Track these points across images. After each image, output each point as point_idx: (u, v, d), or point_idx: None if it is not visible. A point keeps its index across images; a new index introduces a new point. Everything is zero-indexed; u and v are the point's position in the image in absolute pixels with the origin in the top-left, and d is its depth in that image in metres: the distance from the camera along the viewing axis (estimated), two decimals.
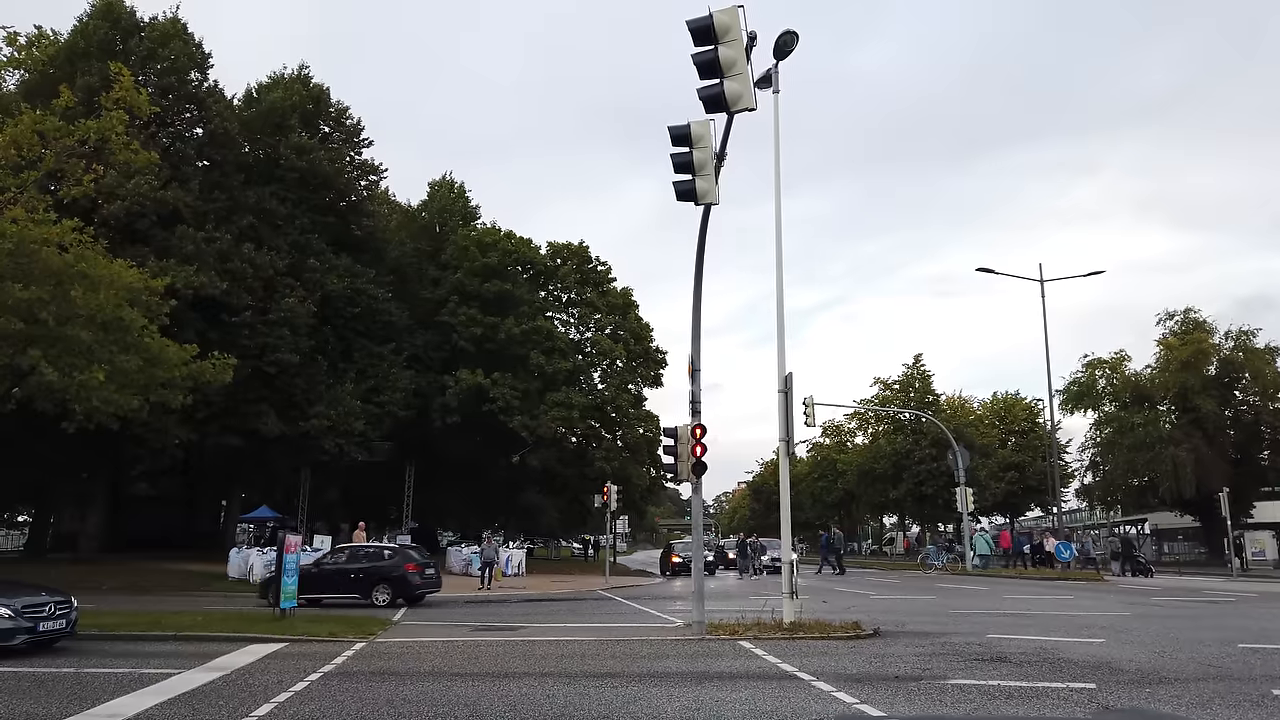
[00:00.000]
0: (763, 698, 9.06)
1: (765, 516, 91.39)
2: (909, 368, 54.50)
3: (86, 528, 37.01)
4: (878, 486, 55.63)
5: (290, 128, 38.32)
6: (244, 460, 37.93)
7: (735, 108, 13.03)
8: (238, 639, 14.17)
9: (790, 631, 14.27)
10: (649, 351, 48.84)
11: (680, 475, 16.30)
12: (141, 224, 30.56)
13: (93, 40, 33.21)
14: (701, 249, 15.58)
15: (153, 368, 19.45)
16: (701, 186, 13.94)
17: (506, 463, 45.88)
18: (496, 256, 45.75)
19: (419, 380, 41.48)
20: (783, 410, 16.02)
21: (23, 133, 18.03)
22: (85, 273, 17.44)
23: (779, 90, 16.25)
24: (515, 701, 8.90)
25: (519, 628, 16.62)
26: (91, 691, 9.68)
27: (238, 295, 32.69)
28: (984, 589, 27.80)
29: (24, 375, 18.12)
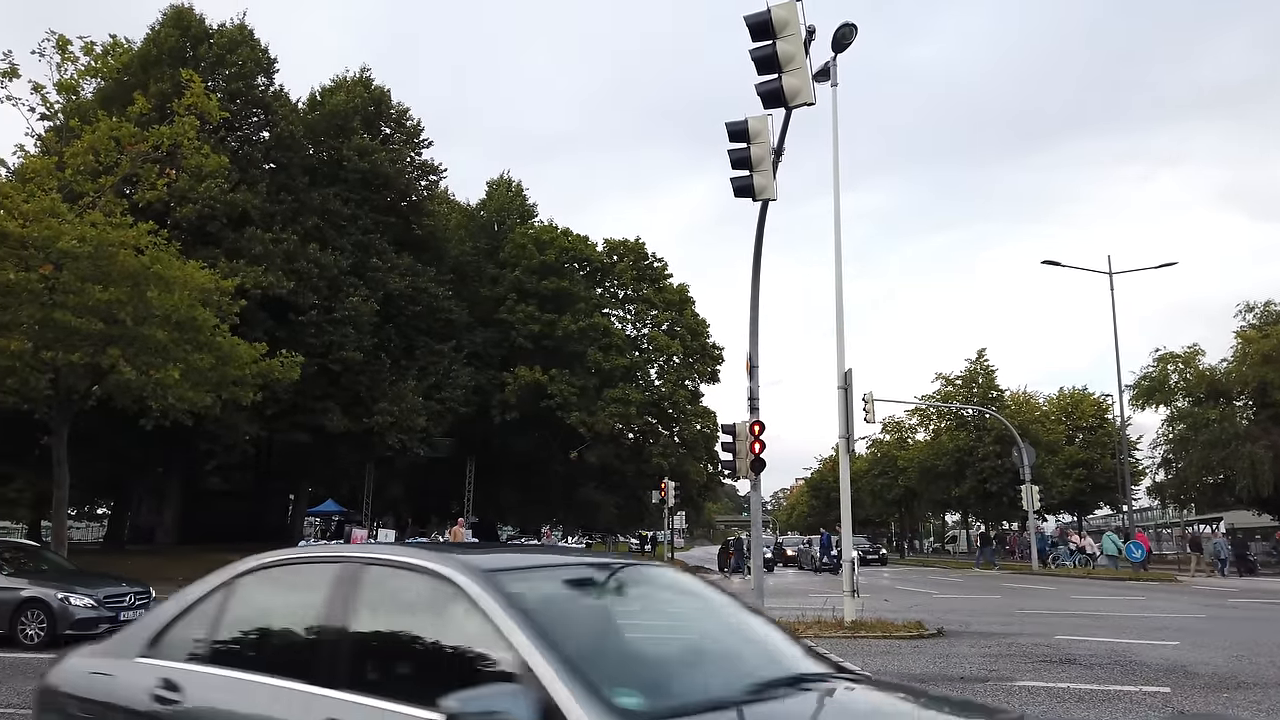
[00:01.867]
0: None
1: (824, 513, 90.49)
2: (972, 363, 53.32)
3: (163, 520, 38.31)
4: (939, 484, 54.63)
5: (353, 130, 39.10)
6: (311, 455, 38.87)
7: (794, 103, 12.91)
8: None
9: (851, 630, 14.13)
10: (706, 347, 48.74)
11: (739, 472, 16.24)
12: (212, 226, 31.49)
13: (164, 48, 34.29)
14: (759, 245, 15.49)
15: (224, 366, 20.03)
16: (759, 182, 13.86)
17: (564, 458, 46.26)
18: (554, 254, 46.11)
19: (479, 377, 42.04)
20: (842, 407, 15.86)
21: (100, 139, 18.72)
22: (160, 274, 18.03)
23: (837, 84, 16.06)
24: None
25: None
26: None
27: (304, 295, 33.50)
28: (1051, 589, 27.16)
29: (104, 374, 18.80)
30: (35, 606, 12.77)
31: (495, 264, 47.72)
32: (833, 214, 16.42)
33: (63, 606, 12.73)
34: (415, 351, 39.07)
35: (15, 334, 16.91)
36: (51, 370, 18.22)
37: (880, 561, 46.73)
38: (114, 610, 13.26)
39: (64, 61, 19.18)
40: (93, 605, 12.98)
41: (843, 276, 16.21)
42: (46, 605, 12.74)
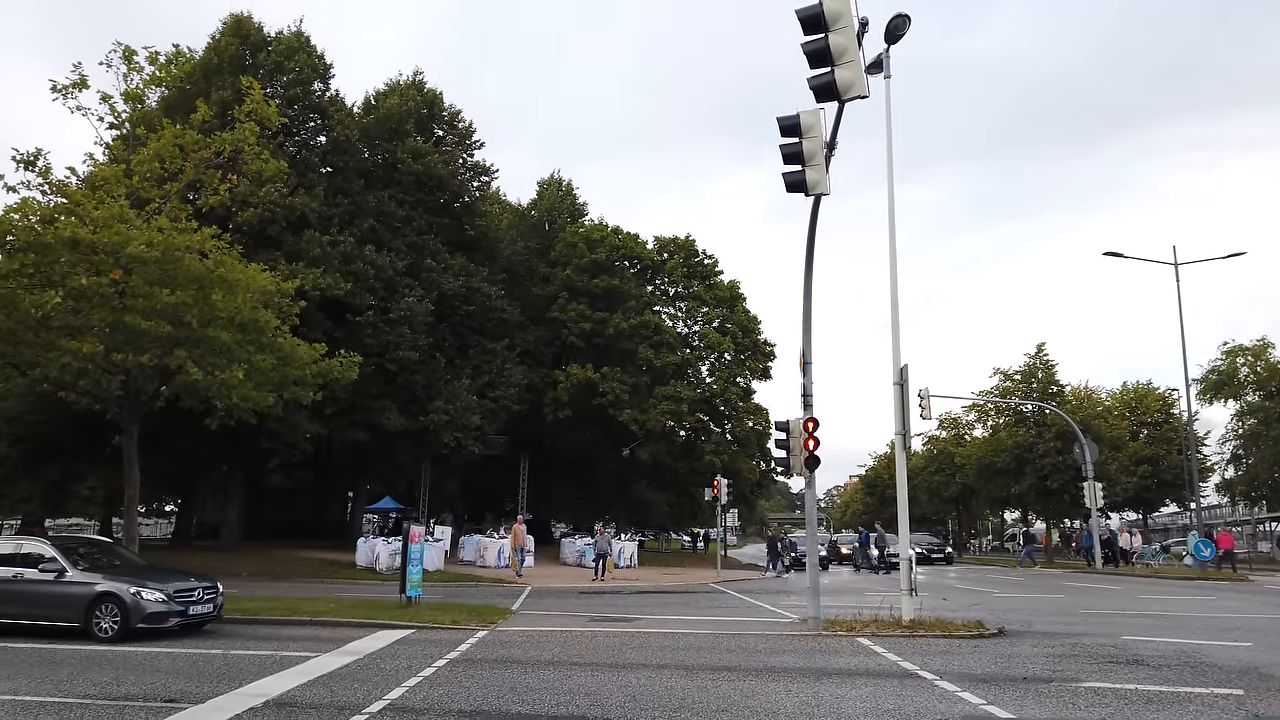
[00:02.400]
0: (884, 695, 8.92)
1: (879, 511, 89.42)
2: (1031, 357, 52.06)
3: (227, 517, 39.34)
4: (998, 481, 53.53)
5: (406, 133, 39.67)
6: (369, 454, 39.58)
7: (847, 96, 12.81)
8: (368, 625, 14.85)
9: (910, 629, 13.98)
10: (757, 344, 48.46)
11: (793, 469, 16.15)
12: (272, 229, 32.21)
13: (225, 56, 35.17)
14: (812, 240, 15.38)
15: (285, 366, 20.46)
16: (812, 177, 13.77)
17: (617, 456, 46.41)
18: (604, 252, 46.25)
19: (531, 375, 42.39)
20: (898, 403, 15.67)
21: (165, 147, 19.25)
22: (224, 277, 18.49)
23: (890, 75, 15.87)
24: (635, 692, 9.03)
25: (634, 619, 16.82)
26: (239, 672, 10.33)
27: (361, 296, 34.11)
28: (1116, 588, 26.52)
29: (172, 375, 19.35)
30: (109, 601, 13.21)
31: (546, 263, 48.05)
32: (887, 207, 16.23)
33: (135, 601, 13.15)
34: (469, 350, 39.53)
35: (88, 337, 17.50)
36: (122, 372, 18.82)
37: (946, 560, 45.99)
38: (183, 604, 13.68)
39: (130, 71, 19.70)
40: (163, 599, 13.39)
41: (897, 271, 16.02)
42: (120, 599, 13.17)
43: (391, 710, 8.16)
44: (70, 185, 19.03)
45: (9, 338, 17.65)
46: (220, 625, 14.87)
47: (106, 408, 20.96)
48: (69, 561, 13.81)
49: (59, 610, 13.40)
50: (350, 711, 8.07)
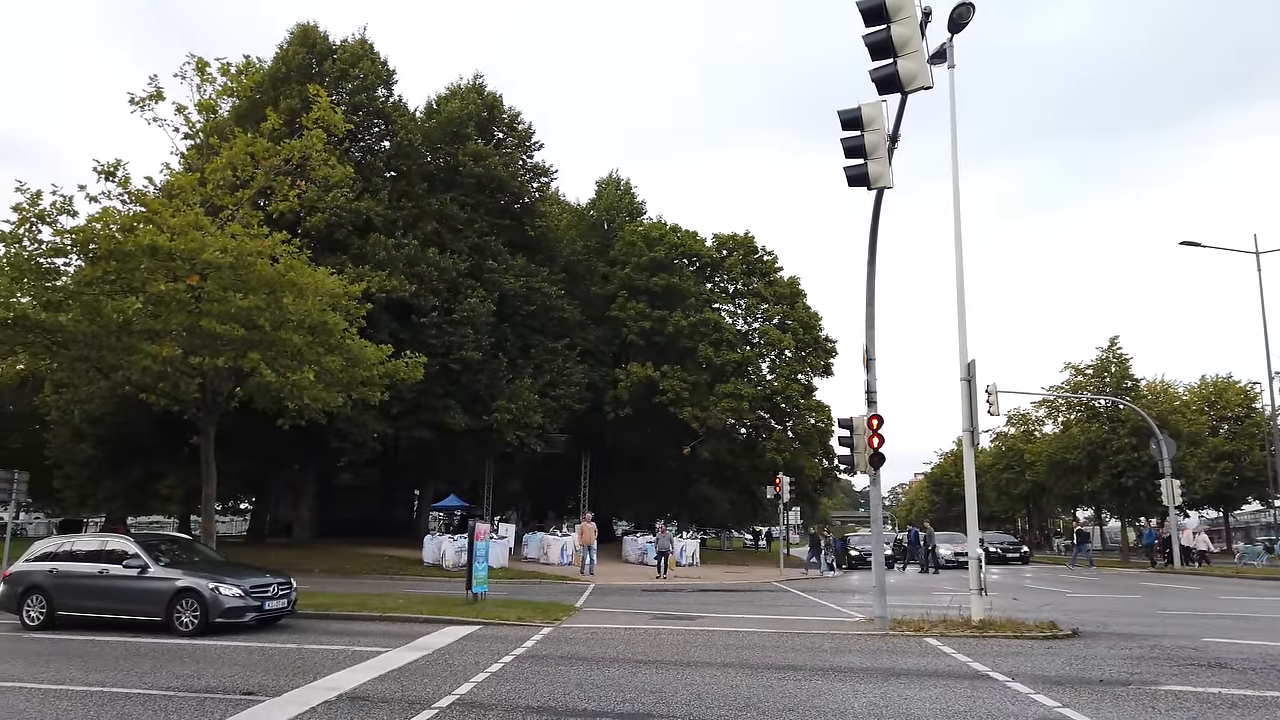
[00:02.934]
0: (954, 697, 8.76)
1: (946, 509, 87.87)
2: (1104, 351, 50.44)
3: (300, 515, 40.40)
4: (1070, 478, 52.04)
5: (467, 136, 40.21)
6: (434, 452, 40.25)
7: (910, 87, 12.58)
8: (436, 621, 15.11)
9: (980, 629, 13.70)
10: (818, 340, 47.98)
11: (857, 466, 15.96)
12: (339, 233, 32.98)
13: (292, 65, 36.10)
14: (874, 235, 15.17)
15: (354, 367, 20.93)
16: (874, 170, 13.58)
17: (677, 453, 46.41)
18: (663, 251, 46.26)
19: (592, 374, 42.64)
20: (965, 399, 15.38)
21: (237, 155, 19.86)
22: (294, 281, 18.99)
23: (954, 65, 15.57)
24: (700, 690, 9.03)
25: (697, 617, 16.80)
26: (312, 666, 10.61)
27: (425, 297, 34.69)
28: (1195, 588, 25.61)
29: (246, 376, 19.98)
30: (189, 596, 13.67)
31: (606, 262, 48.26)
32: (952, 199, 15.92)
33: (214, 596, 13.59)
34: (530, 350, 39.92)
35: (167, 341, 18.13)
36: (199, 374, 19.47)
37: (1022, 559, 44.86)
38: (259, 600, 14.09)
39: (203, 83, 20.37)
40: (240, 595, 13.81)
41: (963, 264, 15.70)
42: (199, 595, 13.63)
43: (460, 705, 8.29)
44: (148, 194, 19.74)
45: (93, 342, 18.37)
46: (294, 620, 15.27)
47: (185, 409, 21.70)
48: (151, 558, 14.34)
49: (142, 605, 13.92)
50: (420, 706, 8.21)
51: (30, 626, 14.29)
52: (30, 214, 17.58)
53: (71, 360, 19.39)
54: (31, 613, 14.44)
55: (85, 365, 19.90)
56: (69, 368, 20.07)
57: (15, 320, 17.47)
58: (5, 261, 17.64)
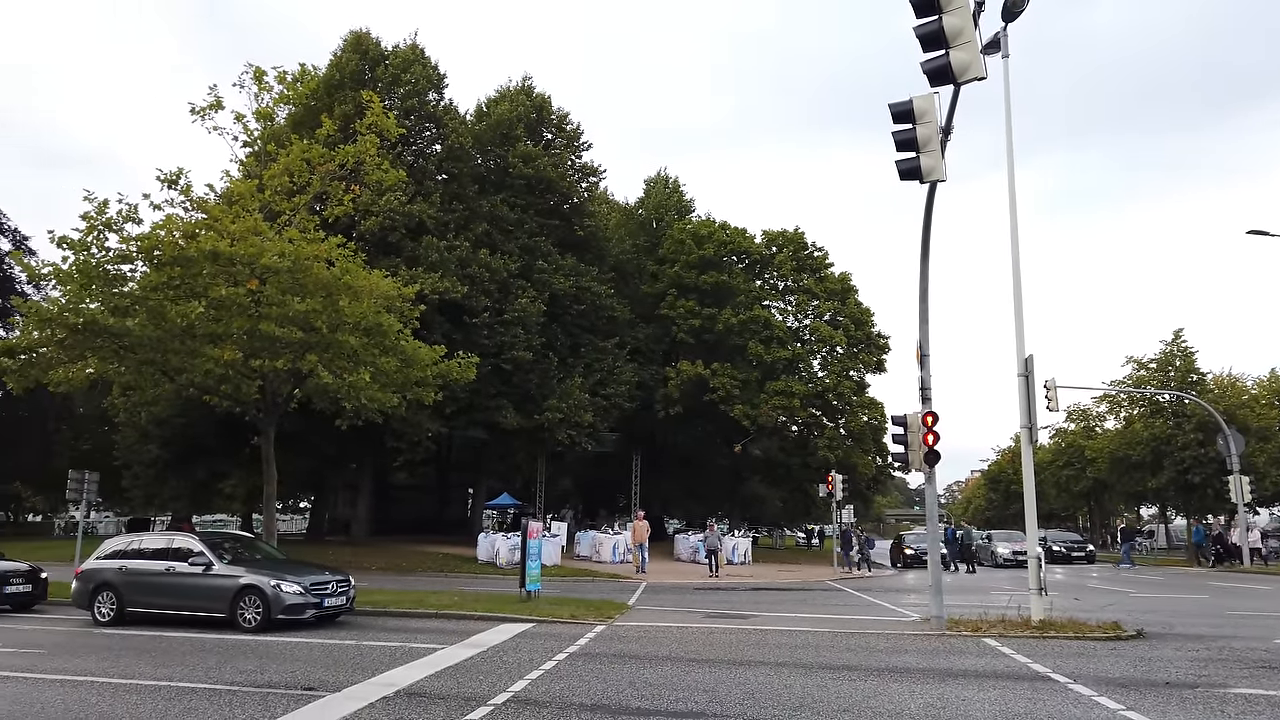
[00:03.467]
0: (1014, 699, 8.60)
1: (1004, 507, 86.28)
2: (1167, 344, 49.04)
3: (357, 513, 41.16)
4: (1133, 475, 50.67)
5: (517, 137, 40.54)
6: (487, 451, 40.69)
7: (963, 78, 12.37)
8: (490, 618, 15.28)
9: (1040, 630, 13.42)
10: (871, 337, 47.41)
11: (911, 464, 15.75)
12: (393, 236, 33.51)
13: (345, 72, 36.74)
14: (927, 229, 14.95)
15: (408, 368, 21.26)
16: (926, 164, 13.37)
17: (728, 451, 46.25)
18: (712, 248, 46.12)
19: (641, 373, 42.70)
20: (1023, 395, 15.08)
21: (293, 161, 20.27)
22: (350, 284, 19.35)
23: (1008, 55, 15.29)
24: (753, 690, 8.99)
25: (749, 616, 16.73)
26: (370, 662, 10.80)
27: (476, 298, 35.08)
28: (1266, 588, 24.78)
29: (304, 378, 20.41)
30: (252, 593, 14.01)
31: (655, 261, 48.28)
32: (1007, 191, 15.62)
33: (275, 593, 13.91)
34: (581, 349, 40.12)
35: (228, 344, 18.60)
36: (259, 376, 19.93)
37: (1087, 558, 43.76)
38: (319, 597, 14.38)
39: (260, 91, 20.81)
40: (301, 592, 14.11)
41: (1019, 256, 15.41)
42: (261, 592, 13.96)
43: (515, 702, 8.37)
44: (209, 201, 20.25)
45: (158, 346, 18.90)
46: (352, 617, 15.57)
47: (246, 410, 22.24)
48: (215, 556, 14.73)
49: (207, 602, 14.31)
50: (476, 703, 8.31)
51: (101, 622, 14.78)
52: (98, 222, 18.17)
53: (138, 364, 19.97)
54: (102, 609, 14.94)
55: (151, 369, 20.47)
56: (135, 371, 20.65)
57: (85, 325, 18.06)
58: (75, 269, 18.27)
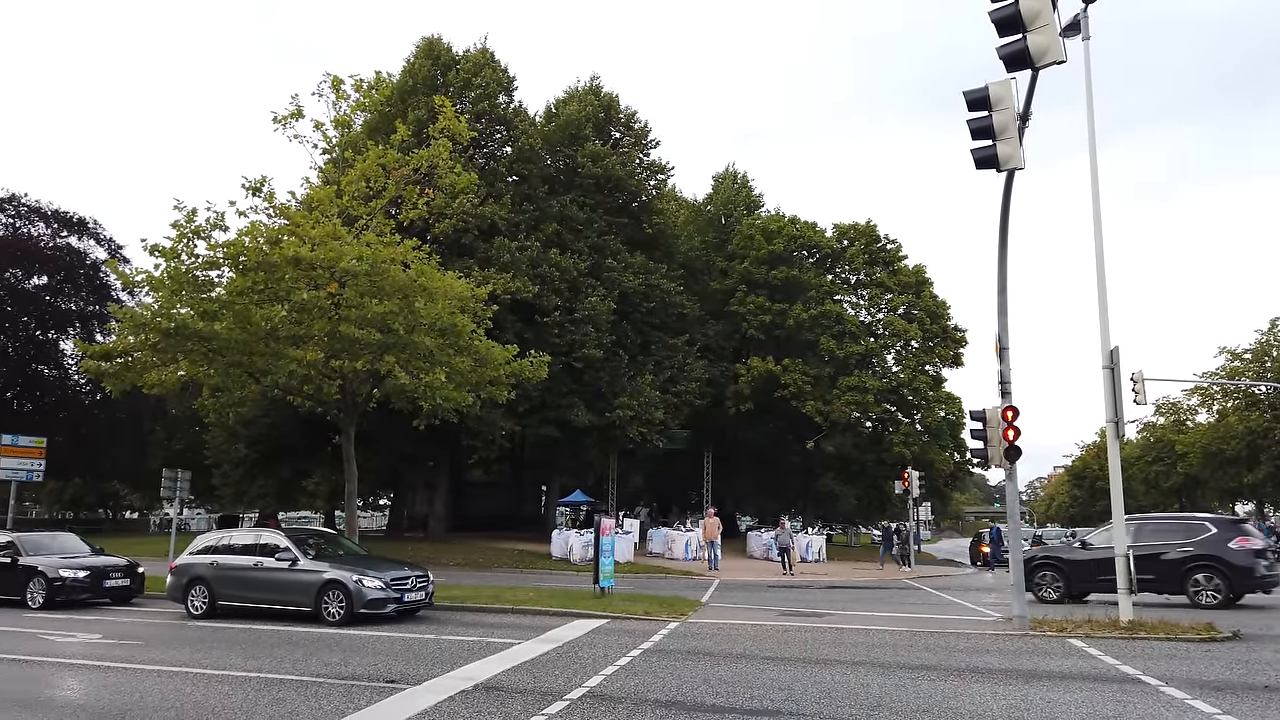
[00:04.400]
0: (1101, 701, 8.34)
1: (1089, 504, 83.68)
2: (1263, 334, 47.02)
3: (434, 510, 41.99)
4: (1228, 470, 48.76)
5: (585, 137, 40.84)
6: (560, 449, 41.10)
7: (1041, 63, 12.02)
8: (565, 614, 15.44)
9: (1129, 630, 12.98)
10: (947, 330, 46.46)
11: (991, 460, 15.38)
12: (466, 238, 34.10)
13: (418, 77, 37.54)
14: (1005, 218, 14.56)
15: (481, 367, 21.60)
16: (1004, 151, 13.03)
17: (801, 448, 45.85)
18: (782, 243, 45.73)
19: (712, 369, 42.62)
20: (1108, 388, 14.58)
21: (369, 167, 20.78)
22: (425, 286, 19.76)
23: (1089, 37, 14.79)
24: (829, 688, 8.90)
25: (824, 614, 16.56)
26: (450, 656, 11.02)
27: (547, 297, 35.47)
28: None
29: (382, 378, 20.90)
30: (336, 588, 14.42)
31: (724, 257, 48.11)
32: (1089, 177, 15.12)
33: (358, 588, 14.28)
34: (651, 347, 40.23)
35: (310, 346, 19.18)
36: (340, 377, 20.50)
37: None
38: (399, 592, 14.72)
39: (338, 99, 21.42)
40: (382, 587, 14.47)
41: (1103, 245, 14.89)
42: (344, 587, 14.34)
43: (591, 698, 8.44)
44: (290, 208, 20.90)
45: (244, 348, 19.58)
46: (431, 612, 15.90)
47: (327, 410, 22.90)
48: (300, 551, 15.20)
49: (293, 596, 14.78)
50: (553, 698, 8.41)
51: (194, 615, 15.39)
52: (187, 230, 18.92)
53: (225, 366, 20.70)
54: (195, 602, 15.56)
55: (238, 370, 21.20)
56: (223, 373, 21.41)
57: (175, 330, 18.82)
58: (166, 275, 19.06)
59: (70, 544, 18.92)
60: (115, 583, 17.76)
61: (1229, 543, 17.25)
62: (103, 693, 8.87)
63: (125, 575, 18.05)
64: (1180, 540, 17.81)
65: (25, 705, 8.22)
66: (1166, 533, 18.33)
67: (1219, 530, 17.73)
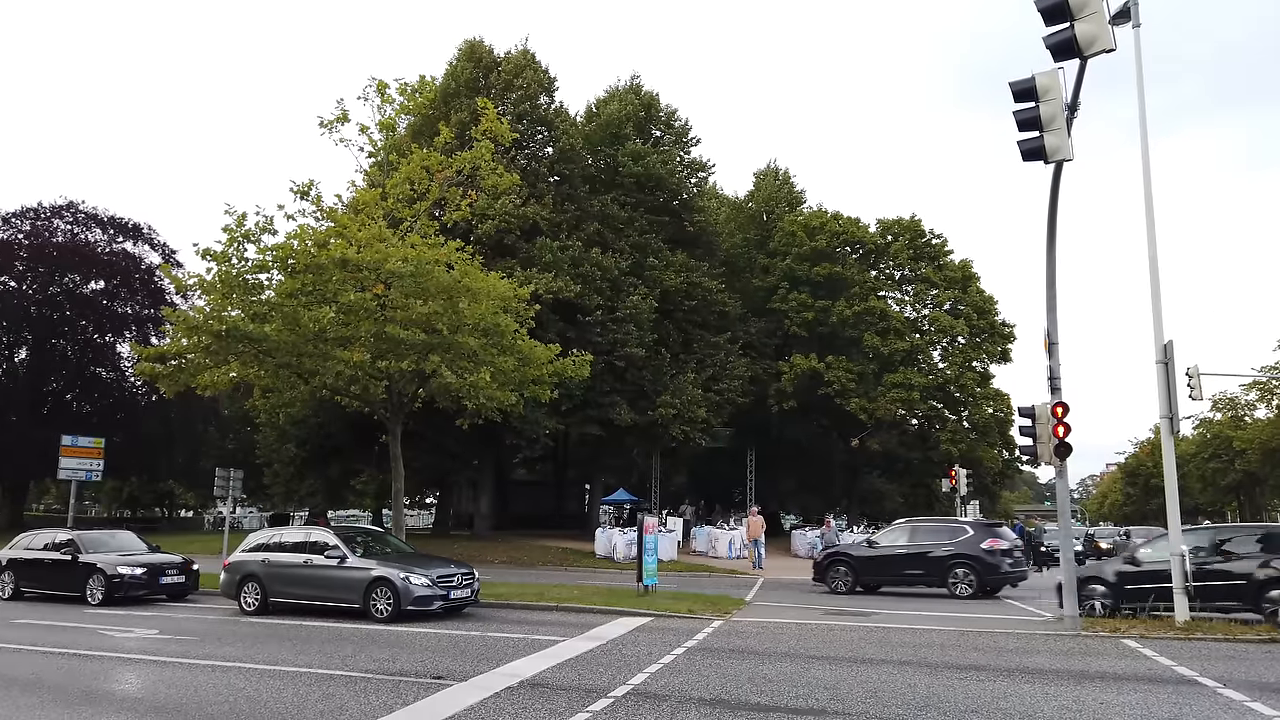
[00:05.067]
0: (1156, 703, 8.15)
1: (1144, 502, 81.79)
2: None
3: (479, 508, 42.39)
4: None
5: (626, 136, 40.87)
6: (602, 447, 41.23)
7: (1089, 52, 11.76)
8: (609, 612, 15.49)
9: (1185, 630, 12.68)
10: (994, 326, 45.73)
11: (1040, 458, 15.08)
12: (508, 239, 34.34)
13: (461, 80, 37.88)
14: (1054, 211, 14.28)
15: (524, 367, 21.75)
16: (1051, 143, 12.77)
17: (845, 446, 45.48)
18: (824, 239, 45.38)
19: (754, 367, 42.43)
20: (1162, 383, 14.26)
21: (414, 170, 21.04)
22: (469, 287, 19.95)
23: (1140, 24, 14.45)
24: (875, 688, 8.82)
25: (871, 613, 16.40)
26: (495, 653, 11.12)
27: (589, 297, 35.58)
28: None
29: (427, 378, 21.17)
30: (384, 585, 14.62)
31: (765, 254, 47.87)
32: (1141, 168, 14.78)
33: (405, 585, 14.47)
34: (693, 345, 40.16)
35: (356, 347, 19.47)
36: (386, 377, 20.79)
37: None
38: (445, 589, 14.89)
39: (383, 103, 21.70)
40: (428, 584, 14.64)
41: (1156, 237, 14.55)
42: (392, 584, 14.54)
43: (635, 695, 8.47)
44: (337, 211, 21.24)
45: (293, 350, 19.95)
46: (477, 609, 16.06)
47: (374, 410, 23.24)
48: (349, 549, 15.45)
49: (342, 593, 15.03)
50: (597, 694, 8.45)
51: (247, 611, 15.71)
52: (237, 234, 19.32)
53: (275, 367, 21.10)
54: (248, 599, 15.89)
55: (287, 371, 21.60)
56: (273, 374, 21.81)
57: (227, 332, 19.23)
58: (217, 279, 19.49)
59: (128, 542, 19.44)
60: (171, 579, 18.21)
61: (982, 543, 19.64)
62: (159, 687, 9.11)
63: (180, 572, 18.50)
64: (945, 540, 20.27)
65: (86, 699, 8.47)
66: (934, 533, 20.86)
67: (975, 533, 20.27)
